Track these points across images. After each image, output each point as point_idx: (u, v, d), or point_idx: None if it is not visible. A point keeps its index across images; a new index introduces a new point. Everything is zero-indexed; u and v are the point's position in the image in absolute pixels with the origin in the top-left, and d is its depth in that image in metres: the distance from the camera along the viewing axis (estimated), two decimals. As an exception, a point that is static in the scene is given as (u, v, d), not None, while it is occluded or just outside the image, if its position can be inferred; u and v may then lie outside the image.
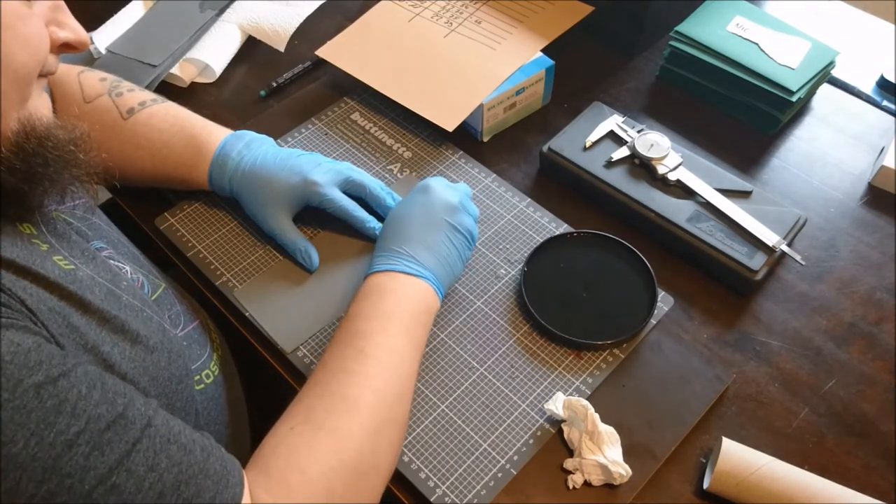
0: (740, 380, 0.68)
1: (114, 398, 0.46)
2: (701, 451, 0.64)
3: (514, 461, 0.63)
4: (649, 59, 0.96)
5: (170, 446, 0.47)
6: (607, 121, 0.83)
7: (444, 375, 0.68)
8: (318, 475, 0.52)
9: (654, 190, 0.77)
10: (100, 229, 0.65)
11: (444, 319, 0.71)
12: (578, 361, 0.68)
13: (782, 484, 0.59)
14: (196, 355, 0.67)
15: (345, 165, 0.75)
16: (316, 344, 0.70)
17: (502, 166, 0.85)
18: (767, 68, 0.84)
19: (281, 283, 0.74)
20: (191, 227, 0.78)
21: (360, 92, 0.91)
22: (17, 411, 0.41)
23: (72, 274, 0.53)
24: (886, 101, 0.90)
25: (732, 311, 0.73)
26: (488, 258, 0.76)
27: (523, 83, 0.86)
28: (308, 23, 0.98)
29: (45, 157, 0.50)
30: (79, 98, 0.76)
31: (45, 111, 0.52)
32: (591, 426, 0.61)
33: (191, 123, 0.76)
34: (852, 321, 0.72)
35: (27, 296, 0.47)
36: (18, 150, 0.49)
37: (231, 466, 0.50)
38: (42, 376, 0.43)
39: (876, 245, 0.77)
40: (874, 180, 0.82)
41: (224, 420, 0.70)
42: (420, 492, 0.61)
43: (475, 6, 0.95)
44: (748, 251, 0.72)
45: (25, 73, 0.48)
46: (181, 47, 0.92)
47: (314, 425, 0.55)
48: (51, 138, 0.50)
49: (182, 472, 0.47)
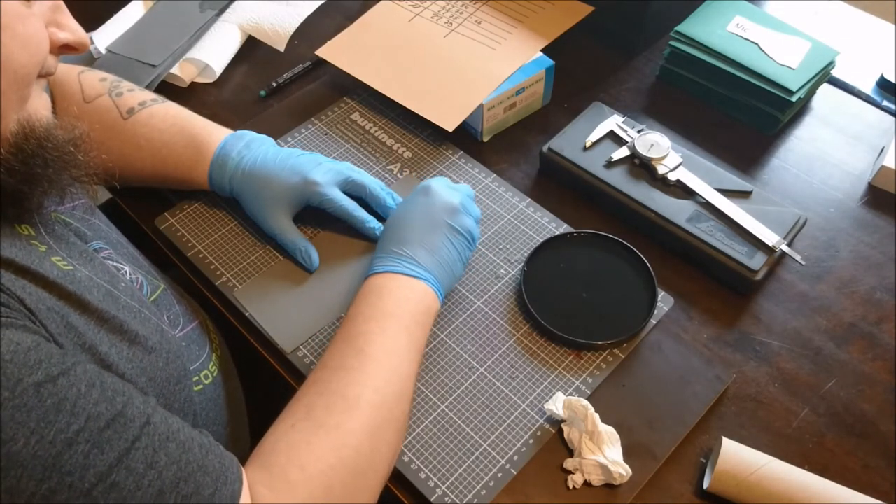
0: (740, 380, 0.68)
1: (113, 396, 0.46)
2: (701, 451, 0.64)
3: (514, 461, 0.63)
4: (649, 59, 0.96)
5: (168, 444, 0.47)
6: (607, 121, 0.83)
7: (444, 375, 0.68)
8: (318, 473, 0.52)
9: (654, 190, 0.77)
10: (99, 230, 0.65)
11: (444, 319, 0.71)
12: (578, 361, 0.68)
13: (782, 484, 0.59)
14: (195, 356, 0.67)
15: (345, 165, 0.75)
16: (316, 344, 0.70)
17: (502, 166, 0.85)
18: (767, 68, 0.84)
19: (281, 283, 0.74)
20: (191, 227, 0.78)
21: (360, 92, 0.91)
22: (18, 410, 0.42)
23: (70, 274, 0.53)
24: (886, 101, 0.90)
25: (732, 311, 0.73)
26: (488, 258, 0.76)
27: (523, 83, 0.86)
28: (308, 23, 0.98)
29: (45, 157, 0.50)
30: (79, 98, 0.76)
31: (45, 111, 0.52)
32: (591, 426, 0.61)
33: (191, 123, 0.76)
34: (852, 321, 0.72)
35: (26, 295, 0.47)
36: (17, 151, 0.49)
37: (229, 463, 0.50)
38: (42, 375, 0.43)
39: (876, 245, 0.77)
40: (874, 180, 0.82)
41: (223, 421, 0.69)
42: (420, 492, 0.61)
43: (475, 6, 0.95)
44: (748, 251, 0.72)
45: (24, 74, 0.48)
46: (181, 47, 0.92)
47: (314, 423, 0.55)
48: (50, 139, 0.50)
49: (181, 470, 0.47)
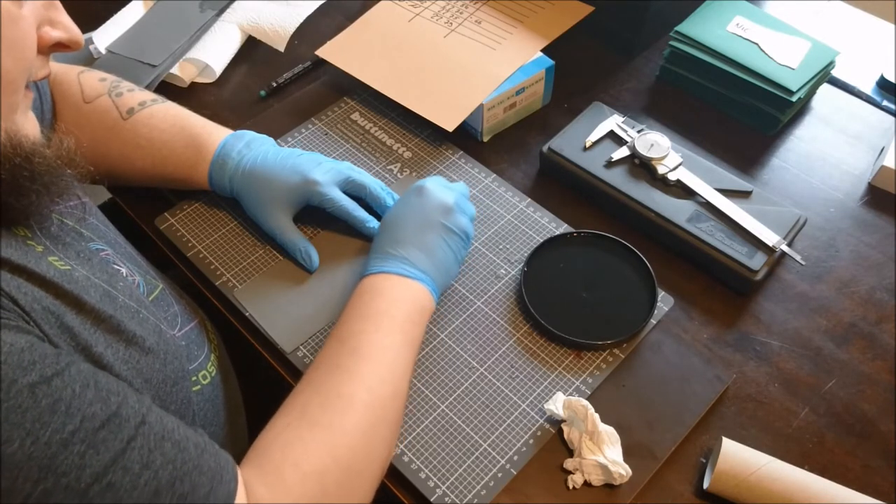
0: (740, 380, 0.68)
1: (107, 396, 0.46)
2: (701, 451, 0.64)
3: (514, 461, 0.63)
4: (649, 59, 0.96)
5: (164, 443, 0.47)
6: (607, 121, 0.83)
7: (444, 375, 0.68)
8: (312, 471, 0.53)
9: (654, 190, 0.77)
10: (97, 230, 0.65)
11: (444, 319, 0.71)
12: (578, 361, 0.68)
13: (782, 484, 0.59)
14: (193, 355, 0.67)
15: (345, 165, 0.75)
16: (316, 344, 0.70)
17: (502, 166, 0.85)
18: (767, 68, 0.84)
19: (281, 283, 0.74)
20: (191, 227, 0.78)
21: (360, 92, 0.91)
22: (13, 411, 0.42)
23: (68, 274, 0.53)
24: (886, 101, 0.90)
25: (732, 311, 0.73)
26: (488, 258, 0.76)
27: (523, 83, 0.86)
28: (308, 23, 0.98)
29: (32, 171, 0.50)
30: (79, 98, 0.76)
31: (32, 131, 0.52)
32: (591, 426, 0.61)
33: (191, 123, 0.76)
34: (852, 321, 0.72)
35: (21, 295, 0.47)
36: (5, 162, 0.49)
37: (225, 462, 0.50)
38: (36, 376, 0.43)
39: (876, 245, 0.77)
40: (874, 180, 0.82)
41: (221, 421, 0.69)
42: (420, 492, 0.61)
43: (475, 6, 0.95)
44: (748, 251, 0.72)
45: (12, 79, 0.48)
46: (181, 47, 0.92)
47: (309, 422, 0.55)
48: (37, 155, 0.50)
49: (177, 469, 0.47)
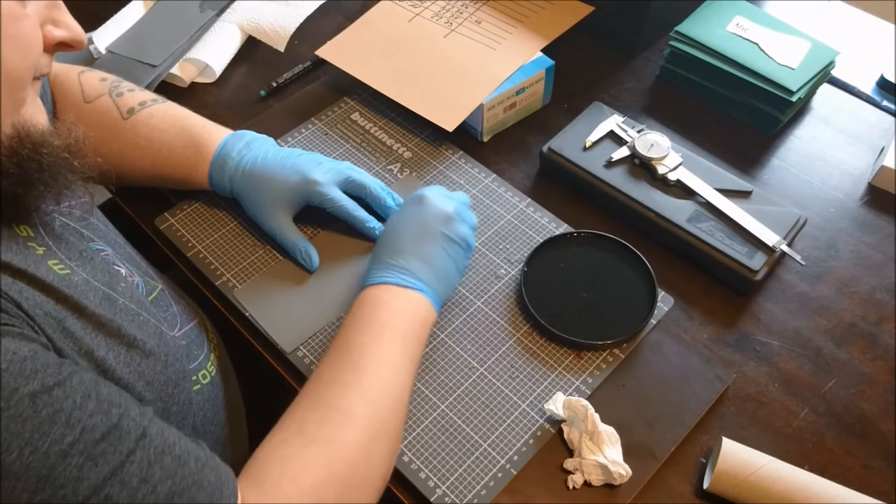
0: (740, 380, 0.68)
1: (109, 408, 0.46)
2: (701, 451, 0.64)
3: (514, 461, 0.63)
4: (649, 59, 0.96)
5: (164, 457, 0.47)
6: (607, 121, 0.83)
7: (444, 375, 0.68)
8: (310, 486, 0.52)
9: (654, 190, 0.77)
10: (98, 230, 0.65)
11: (444, 319, 0.71)
12: (578, 361, 0.68)
13: (782, 484, 0.59)
14: (193, 355, 0.67)
15: (345, 165, 0.75)
16: (316, 344, 0.70)
17: (502, 166, 0.85)
18: (767, 68, 0.84)
19: (281, 283, 0.74)
20: (191, 227, 0.78)
21: (360, 92, 0.91)
22: (12, 420, 0.41)
23: (67, 279, 0.53)
24: (886, 101, 0.90)
25: (732, 311, 0.73)
26: (488, 258, 0.76)
27: (523, 83, 0.86)
28: (308, 23, 0.98)
29: (40, 162, 0.50)
30: (79, 98, 0.76)
31: (41, 118, 0.52)
32: (591, 426, 0.61)
33: (191, 123, 0.76)
34: (852, 321, 0.72)
35: (23, 299, 0.47)
36: (12, 155, 0.49)
37: (226, 478, 0.50)
38: (38, 385, 0.43)
39: (876, 245, 0.77)
40: (874, 180, 0.82)
41: (221, 421, 0.69)
42: (420, 492, 0.61)
43: (475, 6, 0.95)
44: (748, 251, 0.72)
45: (18, 77, 0.48)
46: (181, 47, 0.92)
47: (306, 438, 0.54)
48: (45, 145, 0.50)
49: (176, 484, 0.46)
